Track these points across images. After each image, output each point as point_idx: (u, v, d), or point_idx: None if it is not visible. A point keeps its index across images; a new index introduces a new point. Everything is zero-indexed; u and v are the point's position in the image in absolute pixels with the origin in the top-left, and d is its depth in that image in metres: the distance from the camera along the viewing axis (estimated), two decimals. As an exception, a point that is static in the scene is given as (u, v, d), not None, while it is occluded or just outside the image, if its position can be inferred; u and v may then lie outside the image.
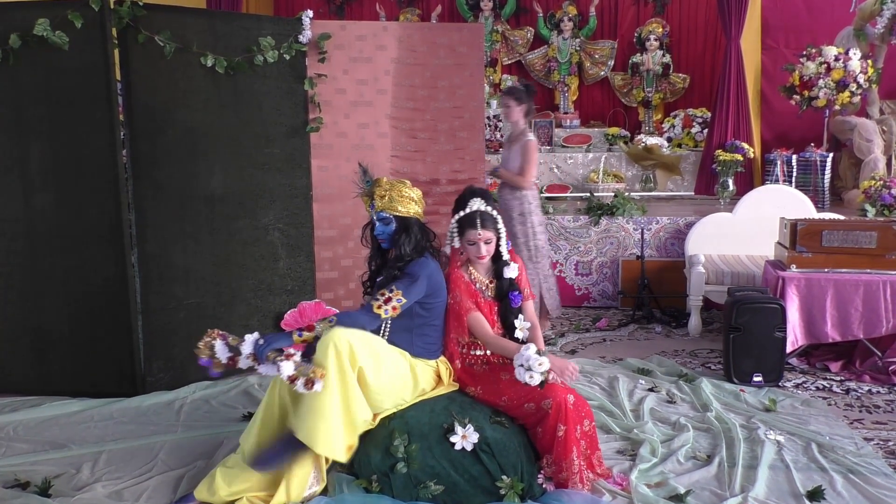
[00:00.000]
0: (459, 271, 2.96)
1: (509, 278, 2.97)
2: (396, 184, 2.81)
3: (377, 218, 2.78)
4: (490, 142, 7.20)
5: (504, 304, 2.97)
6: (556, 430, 2.68)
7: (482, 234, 2.88)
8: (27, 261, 3.80)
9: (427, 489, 2.62)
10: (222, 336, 2.62)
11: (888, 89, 6.98)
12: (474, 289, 2.96)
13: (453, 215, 2.97)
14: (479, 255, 2.91)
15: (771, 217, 4.79)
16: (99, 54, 3.63)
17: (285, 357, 2.50)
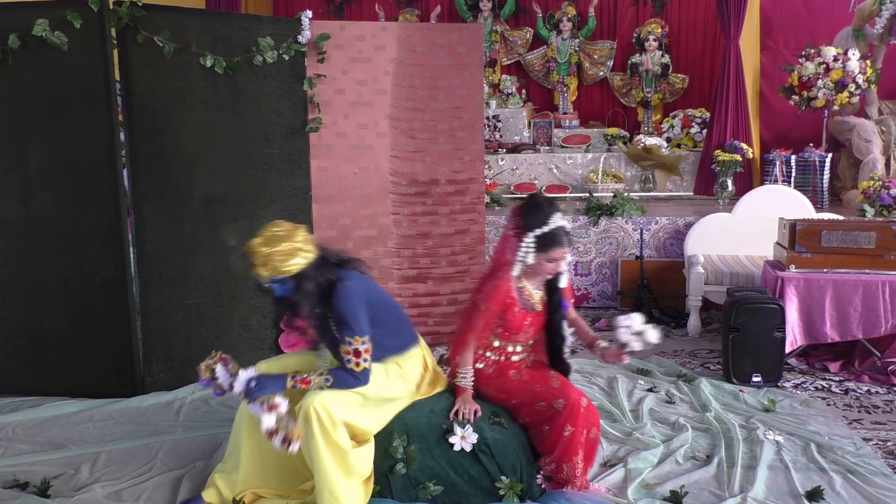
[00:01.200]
0: (508, 284, 2.77)
1: (560, 289, 2.83)
2: (271, 242, 2.49)
3: (272, 283, 2.52)
4: (489, 142, 7.20)
5: (555, 317, 2.83)
6: (563, 430, 2.67)
7: (566, 251, 2.72)
8: (27, 261, 3.80)
9: (426, 490, 2.62)
10: (224, 361, 2.57)
11: (887, 90, 6.98)
12: (515, 298, 2.78)
13: (522, 225, 2.72)
14: (556, 272, 2.76)
15: (770, 217, 4.80)
16: (98, 55, 3.63)
17: (269, 408, 2.45)
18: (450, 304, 4.73)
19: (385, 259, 4.59)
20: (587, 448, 2.73)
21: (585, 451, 2.72)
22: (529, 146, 7.38)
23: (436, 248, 4.67)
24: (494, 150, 7.19)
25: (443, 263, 4.69)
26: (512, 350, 2.89)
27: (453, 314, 4.74)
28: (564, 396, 2.69)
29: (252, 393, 2.50)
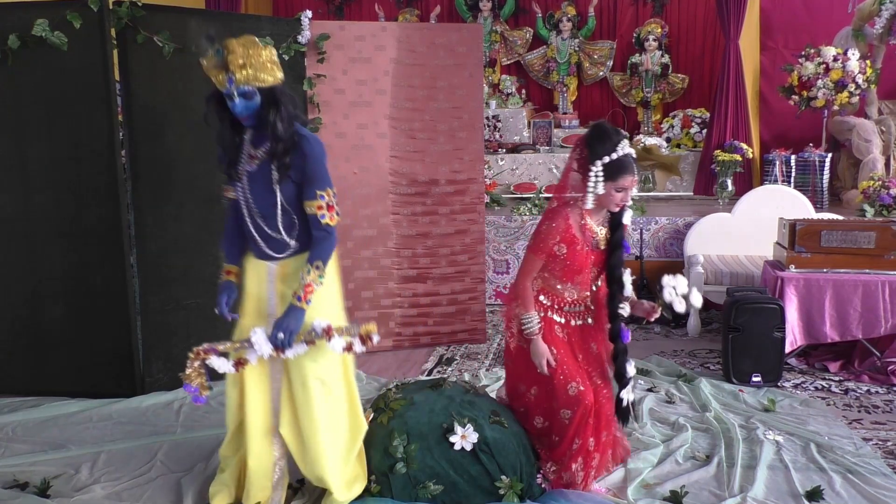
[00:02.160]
0: (568, 222, 2.65)
1: (623, 224, 2.71)
2: (250, 45, 2.25)
3: (238, 93, 2.25)
4: (489, 142, 7.20)
5: (615, 255, 2.70)
6: (573, 441, 2.68)
7: (635, 179, 2.61)
8: (26, 261, 3.80)
9: (426, 489, 2.61)
10: (211, 351, 2.40)
11: (887, 89, 6.98)
12: (575, 235, 2.64)
13: (589, 154, 2.58)
14: (624, 203, 2.63)
15: (770, 217, 4.80)
16: (98, 55, 3.63)
17: (326, 335, 2.36)
18: (450, 304, 4.73)
19: (385, 259, 4.59)
20: (601, 450, 2.74)
21: (599, 452, 2.73)
22: (529, 146, 7.38)
23: (436, 248, 4.67)
24: (494, 150, 7.19)
25: (443, 263, 4.69)
26: (569, 298, 2.76)
27: (453, 314, 4.75)
28: (579, 403, 2.64)
29: (286, 341, 2.36)
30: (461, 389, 2.96)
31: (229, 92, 2.25)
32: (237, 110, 2.29)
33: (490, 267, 5.82)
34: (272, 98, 2.32)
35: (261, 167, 2.39)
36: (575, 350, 2.76)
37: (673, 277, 2.69)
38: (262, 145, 2.38)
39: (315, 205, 2.37)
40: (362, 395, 3.76)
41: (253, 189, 2.41)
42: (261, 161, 2.39)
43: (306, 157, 2.35)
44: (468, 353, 4.59)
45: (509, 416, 2.86)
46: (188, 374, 2.38)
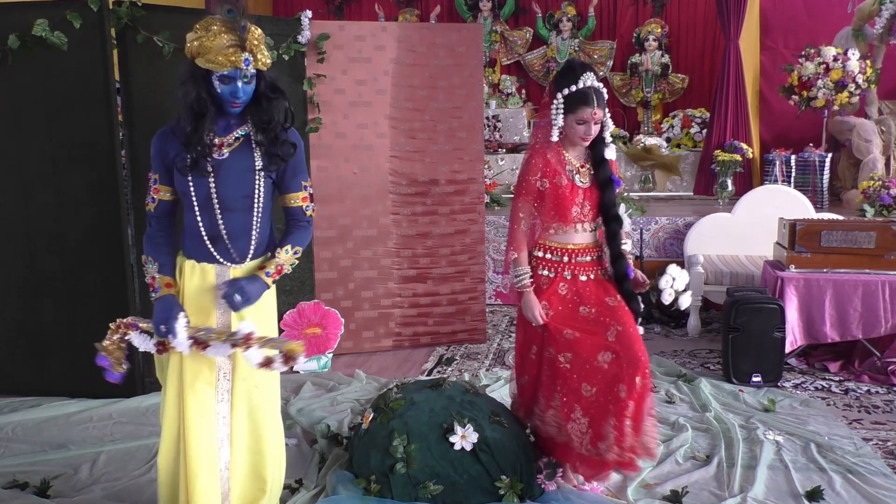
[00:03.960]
0: (545, 153, 2.63)
1: (608, 160, 2.66)
2: (255, 24, 2.08)
3: (249, 75, 2.06)
4: (489, 142, 7.20)
5: (607, 191, 2.64)
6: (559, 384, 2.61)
7: (596, 112, 2.54)
8: (26, 261, 3.80)
9: (426, 489, 2.61)
10: (133, 325, 2.20)
11: (887, 89, 6.99)
12: (555, 168, 2.61)
13: (555, 90, 2.58)
14: (587, 136, 2.58)
15: (770, 217, 4.80)
16: (98, 55, 3.63)
17: (244, 341, 2.06)
18: (450, 304, 4.73)
19: (385, 259, 4.59)
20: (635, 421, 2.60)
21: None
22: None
23: (436, 248, 4.67)
24: (494, 150, 7.19)
25: (443, 263, 4.69)
26: (571, 246, 2.67)
27: (453, 314, 4.75)
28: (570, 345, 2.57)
29: (241, 303, 2.11)
30: (461, 389, 2.96)
31: (240, 74, 2.03)
32: (239, 94, 2.07)
33: (490, 267, 5.82)
34: (273, 84, 2.15)
35: (234, 156, 2.15)
36: (576, 306, 2.64)
37: (680, 270, 2.68)
38: (230, 132, 2.16)
39: (300, 196, 2.28)
40: (362, 395, 3.79)
41: (224, 181, 2.14)
42: (233, 149, 2.15)
43: (296, 148, 2.22)
44: (468, 353, 4.59)
45: (509, 416, 2.86)
46: (104, 345, 2.17)
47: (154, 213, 2.24)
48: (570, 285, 2.67)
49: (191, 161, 2.11)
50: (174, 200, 2.24)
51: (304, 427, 3.38)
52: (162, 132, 2.21)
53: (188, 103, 2.07)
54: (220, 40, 2.00)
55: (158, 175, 2.22)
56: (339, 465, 2.96)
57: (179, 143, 2.12)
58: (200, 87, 2.06)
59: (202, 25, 2.04)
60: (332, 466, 2.95)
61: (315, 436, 3.25)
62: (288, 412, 3.54)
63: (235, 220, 2.18)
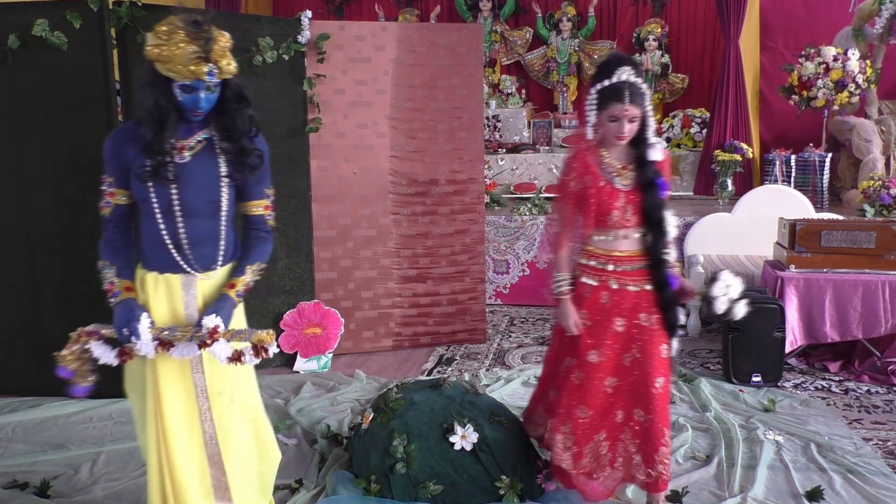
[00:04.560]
0: (583, 153, 2.47)
1: (653, 162, 2.44)
2: (221, 31, 1.98)
3: (212, 85, 1.97)
4: (489, 142, 7.20)
5: (650, 194, 2.43)
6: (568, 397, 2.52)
7: (629, 109, 2.35)
8: (26, 261, 3.80)
9: (426, 489, 2.61)
10: (95, 332, 2.08)
11: (887, 89, 6.98)
12: (593, 169, 2.45)
13: (590, 85, 2.44)
14: (620, 134, 2.38)
15: (770, 217, 4.80)
16: (98, 55, 3.63)
17: (210, 336, 1.96)
18: (450, 303, 4.73)
19: (385, 259, 4.59)
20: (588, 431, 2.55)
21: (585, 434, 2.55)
22: (529, 146, 7.38)
23: (436, 248, 4.67)
24: (494, 150, 7.19)
25: (443, 263, 4.69)
26: (620, 254, 2.48)
27: (453, 314, 4.75)
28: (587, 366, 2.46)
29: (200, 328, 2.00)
30: (461, 389, 2.96)
31: (203, 85, 1.94)
32: (202, 105, 1.97)
33: (490, 267, 5.82)
34: (240, 90, 2.05)
35: (197, 160, 2.05)
36: (613, 318, 2.48)
37: (733, 277, 2.51)
38: (192, 135, 2.05)
39: (262, 204, 2.20)
40: (362, 395, 3.79)
41: (187, 186, 2.03)
42: (195, 152, 2.05)
43: (263, 157, 2.13)
44: (468, 353, 4.59)
45: (509, 416, 2.86)
46: (63, 356, 2.03)
47: (110, 217, 2.13)
48: (614, 295, 2.49)
49: (151, 168, 1.99)
50: (131, 205, 2.12)
51: (304, 427, 3.38)
52: (116, 133, 2.10)
53: (147, 109, 1.97)
54: (183, 50, 1.89)
55: (113, 178, 2.09)
56: (339, 465, 2.96)
57: (137, 147, 2.01)
58: (160, 94, 1.96)
59: (164, 32, 1.90)
60: (332, 466, 2.95)
61: (315, 436, 3.25)
62: (288, 412, 3.54)
63: (200, 227, 2.07)
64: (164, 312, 2.09)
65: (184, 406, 2.09)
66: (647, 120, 2.41)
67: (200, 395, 2.12)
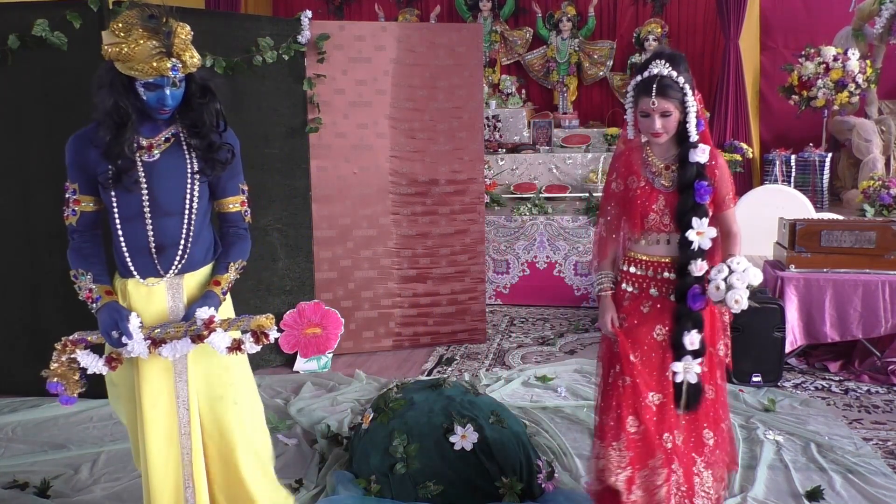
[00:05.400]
0: (625, 150, 2.38)
1: (696, 163, 2.25)
2: (182, 23, 1.92)
3: (177, 81, 1.89)
4: (489, 142, 7.20)
5: (682, 197, 2.25)
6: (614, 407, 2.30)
7: (657, 103, 2.20)
8: (26, 261, 3.80)
9: (426, 489, 2.61)
10: (81, 341, 1.99)
11: (887, 89, 6.98)
12: (634, 168, 2.33)
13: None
14: (653, 131, 2.23)
15: (770, 217, 4.79)
16: (98, 55, 3.59)
17: (206, 327, 1.90)
18: (450, 303, 4.73)
19: (385, 259, 4.59)
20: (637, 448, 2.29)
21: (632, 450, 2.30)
22: (529, 146, 7.38)
23: (436, 248, 4.67)
24: (494, 150, 7.18)
25: (443, 263, 4.69)
26: (660, 260, 2.31)
27: (453, 314, 4.75)
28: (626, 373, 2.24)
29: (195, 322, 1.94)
30: (461, 389, 2.96)
31: (167, 82, 1.85)
32: (168, 102, 1.88)
33: (490, 267, 5.82)
34: (205, 84, 1.96)
35: (166, 158, 1.97)
36: (654, 326, 2.30)
37: (745, 263, 2.20)
38: (158, 133, 1.97)
39: (238, 200, 2.10)
40: (362, 395, 3.79)
41: (159, 185, 1.96)
42: (163, 150, 1.97)
43: (234, 151, 2.04)
44: (468, 353, 4.59)
45: (509, 416, 2.86)
46: (53, 370, 1.95)
47: (76, 226, 2.03)
48: (655, 303, 2.31)
49: (113, 174, 1.92)
50: (98, 211, 2.04)
51: (304, 427, 3.38)
52: (76, 137, 1.99)
53: (105, 111, 1.89)
54: (144, 47, 1.80)
55: (78, 185, 2.00)
56: (339, 465, 2.96)
57: (98, 151, 1.94)
58: (120, 95, 1.87)
59: (121, 28, 1.81)
60: (332, 466, 2.95)
61: (315, 436, 3.25)
62: (288, 412, 3.54)
63: (174, 227, 1.99)
64: (149, 318, 2.00)
65: (165, 420, 2.02)
66: (689, 116, 2.26)
67: (181, 406, 2.04)
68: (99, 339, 1.98)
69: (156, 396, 2.01)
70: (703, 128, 2.31)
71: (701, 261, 2.22)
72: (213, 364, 2.04)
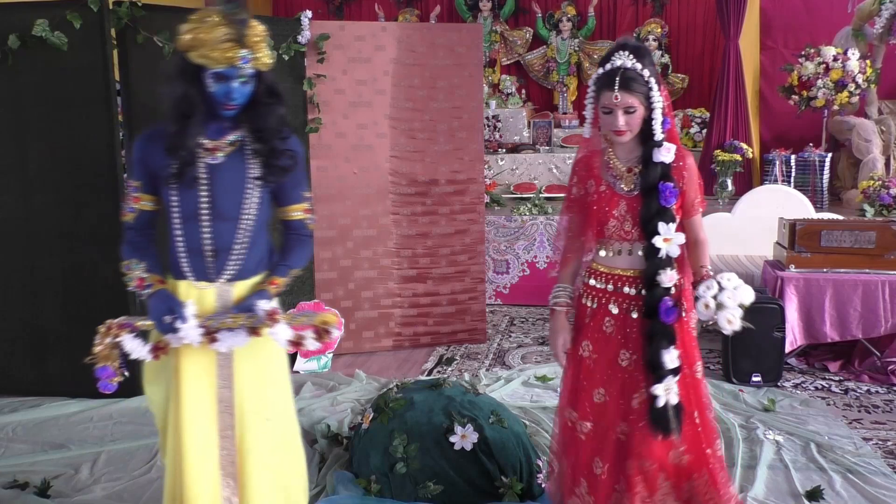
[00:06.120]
0: (588, 152, 2.19)
1: (661, 163, 2.05)
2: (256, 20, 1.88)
3: (250, 76, 1.87)
4: (489, 142, 7.20)
5: (646, 201, 2.05)
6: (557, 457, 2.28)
7: (620, 98, 1.98)
8: (26, 261, 3.80)
9: (426, 489, 2.61)
10: (127, 325, 1.97)
11: (887, 89, 6.98)
12: (594, 171, 2.15)
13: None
14: (616, 128, 2.02)
15: (770, 217, 4.80)
16: (98, 55, 3.63)
17: (270, 318, 1.85)
18: (450, 303, 4.73)
19: (385, 259, 4.59)
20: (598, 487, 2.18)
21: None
22: (529, 146, 7.38)
23: (436, 248, 4.67)
24: (494, 150, 7.19)
25: (443, 263, 4.69)
26: (620, 270, 2.12)
27: (453, 314, 4.75)
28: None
29: (256, 313, 1.89)
30: (461, 389, 2.96)
31: (236, 73, 1.83)
32: (234, 95, 1.85)
33: (490, 267, 5.82)
34: (273, 87, 1.94)
35: (228, 162, 1.94)
36: (619, 350, 2.13)
37: (736, 281, 2.04)
38: (223, 135, 1.94)
39: (302, 208, 2.10)
40: (362, 395, 3.79)
41: (220, 189, 1.93)
42: (227, 154, 1.94)
43: (296, 158, 2.01)
44: (468, 353, 4.59)
45: (510, 416, 2.86)
46: (97, 353, 1.93)
47: (133, 224, 2.01)
48: (617, 321, 2.13)
49: (177, 170, 1.88)
50: (156, 211, 2.02)
51: (304, 427, 3.37)
52: (146, 134, 1.98)
53: (174, 101, 1.85)
54: (217, 33, 1.78)
55: (140, 182, 1.97)
56: (339, 465, 2.96)
57: (163, 151, 1.89)
58: (190, 85, 1.84)
59: (198, 17, 1.81)
60: (332, 466, 2.95)
61: (315, 436, 3.25)
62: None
63: (231, 232, 1.96)
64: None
65: (205, 423, 1.98)
66: (654, 112, 2.03)
67: (225, 410, 2.00)
68: (146, 325, 1.95)
69: (197, 403, 1.97)
70: (669, 126, 2.07)
71: (670, 270, 2.03)
72: (256, 375, 2.01)
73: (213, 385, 1.99)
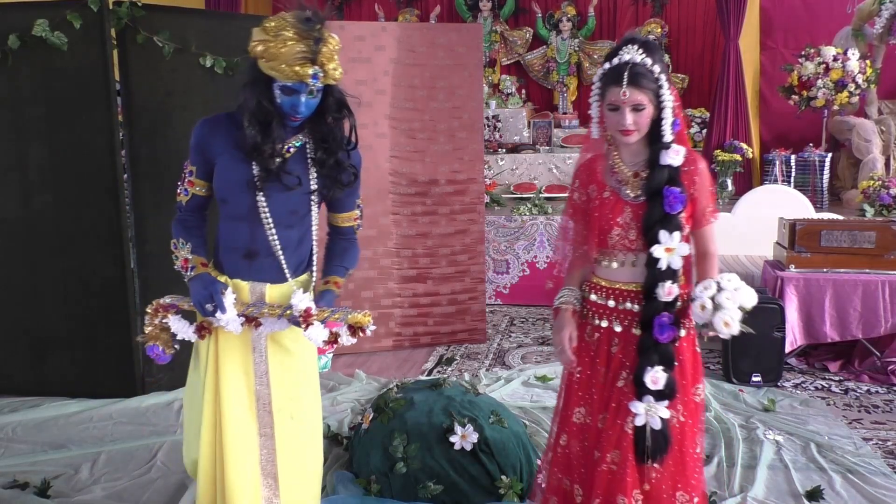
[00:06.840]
0: (592, 155, 2.06)
1: (668, 167, 1.89)
2: (332, 34, 1.87)
3: (315, 90, 1.89)
4: (489, 142, 7.20)
5: (650, 207, 1.90)
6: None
7: (628, 94, 1.84)
8: (26, 261, 3.79)
9: (426, 489, 2.61)
10: (172, 306, 2.04)
11: (886, 89, 6.98)
12: (597, 175, 2.00)
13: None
14: (622, 128, 1.87)
15: (770, 217, 4.80)
16: (98, 55, 3.63)
17: (304, 318, 1.87)
18: (450, 303, 4.73)
19: (385, 259, 4.59)
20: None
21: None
22: (529, 146, 7.38)
23: (436, 248, 4.67)
24: (494, 150, 7.19)
25: (443, 263, 4.69)
26: (621, 284, 1.99)
27: (453, 314, 4.75)
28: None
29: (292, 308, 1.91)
30: (461, 389, 2.97)
31: (305, 88, 1.83)
32: (301, 109, 1.87)
33: (490, 267, 5.82)
34: (342, 100, 1.97)
35: (288, 166, 1.98)
36: (620, 372, 2.01)
37: (737, 282, 1.91)
38: (285, 139, 1.97)
39: (354, 216, 2.16)
40: (362, 395, 3.79)
41: (273, 193, 1.96)
42: (286, 158, 1.97)
43: (357, 172, 2.05)
44: (468, 353, 4.59)
45: (510, 416, 2.86)
46: (148, 333, 2.04)
47: (186, 206, 2.02)
48: (622, 340, 2.00)
49: (262, 173, 1.90)
50: (208, 197, 2.02)
51: (305, 427, 3.38)
52: (205, 121, 1.98)
53: (250, 110, 1.88)
54: (290, 49, 1.77)
55: (196, 167, 1.97)
56: (339, 465, 2.96)
57: (224, 140, 1.92)
58: (262, 94, 1.86)
59: (273, 28, 1.79)
60: (332, 466, 2.95)
61: (315, 436, 3.24)
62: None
63: (281, 236, 2.01)
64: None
65: (246, 422, 1.99)
66: (664, 111, 1.88)
67: (262, 409, 2.02)
68: (191, 307, 1.98)
69: (237, 401, 2.00)
70: (678, 127, 1.92)
71: (671, 283, 1.88)
72: (287, 373, 2.04)
73: (251, 384, 2.02)
